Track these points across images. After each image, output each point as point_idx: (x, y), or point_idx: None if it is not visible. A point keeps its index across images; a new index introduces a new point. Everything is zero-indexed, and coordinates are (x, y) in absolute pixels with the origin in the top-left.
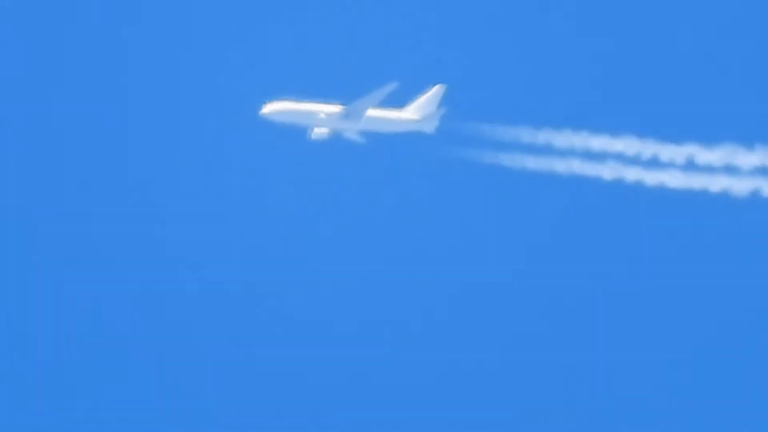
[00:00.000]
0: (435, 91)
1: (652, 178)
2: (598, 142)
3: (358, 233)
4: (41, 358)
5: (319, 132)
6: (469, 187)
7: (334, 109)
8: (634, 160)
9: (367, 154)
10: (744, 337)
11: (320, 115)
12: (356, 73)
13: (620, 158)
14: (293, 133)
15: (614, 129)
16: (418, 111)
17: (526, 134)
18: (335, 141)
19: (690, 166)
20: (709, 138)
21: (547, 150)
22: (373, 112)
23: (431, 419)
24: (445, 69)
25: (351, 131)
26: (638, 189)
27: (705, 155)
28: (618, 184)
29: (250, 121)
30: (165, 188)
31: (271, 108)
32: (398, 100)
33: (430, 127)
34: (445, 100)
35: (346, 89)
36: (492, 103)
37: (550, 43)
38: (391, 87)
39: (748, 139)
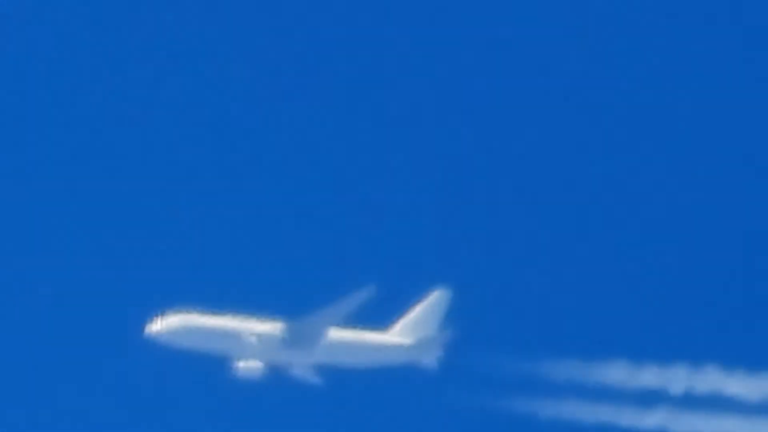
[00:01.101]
0: (434, 302)
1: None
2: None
3: None
4: None
5: (248, 366)
6: None
7: (272, 328)
8: (700, 402)
9: (327, 405)
10: None
11: (249, 337)
12: (309, 270)
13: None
14: (204, 366)
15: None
16: (409, 332)
17: (568, 370)
18: (275, 381)
19: None
20: None
21: (601, 393)
22: (337, 335)
23: None
24: (449, 267)
25: (301, 365)
26: None
27: None
28: None
29: (130, 344)
30: None
31: (169, 325)
32: (377, 316)
33: (427, 358)
34: (451, 317)
35: (293, 296)
36: (519, 323)
37: (593, 238)
38: (364, 294)
39: None
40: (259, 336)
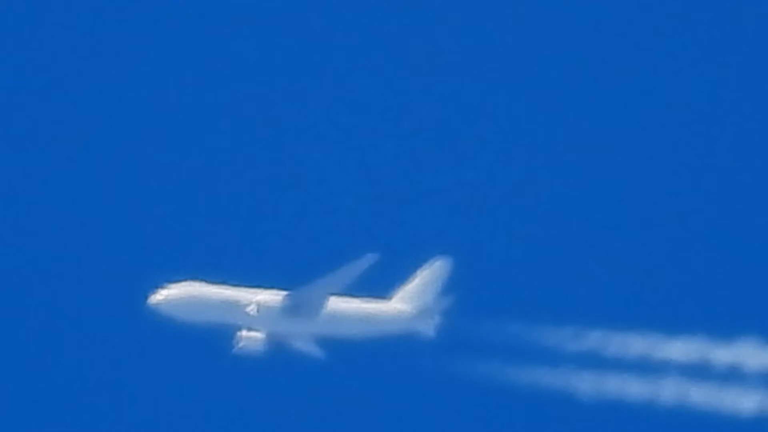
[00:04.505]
0: (434, 270)
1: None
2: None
3: None
4: None
5: (249, 337)
6: (492, 423)
7: (273, 298)
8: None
9: (330, 377)
10: None
11: (249, 307)
12: (309, 239)
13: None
14: (205, 337)
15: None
16: (409, 301)
17: (569, 337)
18: (276, 353)
19: None
20: None
21: (600, 362)
22: (338, 304)
23: None
24: (451, 236)
25: (302, 336)
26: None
27: None
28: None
29: (131, 315)
30: None
31: (168, 295)
32: (377, 285)
33: (427, 328)
34: (451, 285)
35: (292, 266)
36: (522, 290)
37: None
38: (366, 261)
39: None
40: (260, 306)
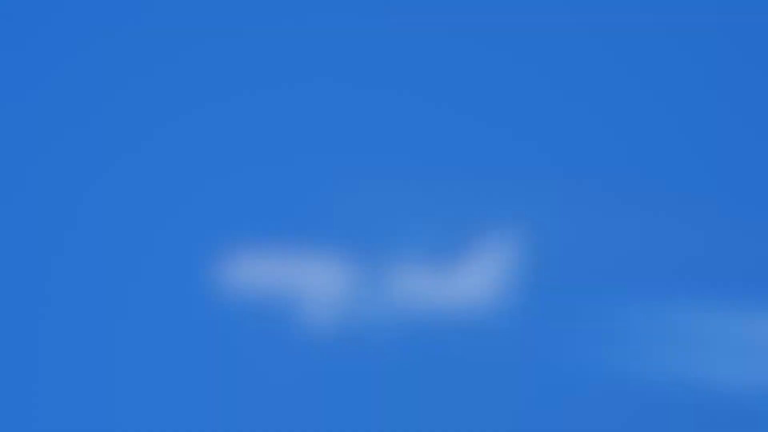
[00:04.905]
0: (501, 246)
1: None
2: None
3: None
4: None
5: (316, 316)
6: (567, 412)
7: (342, 272)
8: None
9: (397, 358)
10: None
11: (317, 284)
12: (364, 212)
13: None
14: (262, 316)
15: None
16: (474, 279)
17: (653, 316)
18: (346, 333)
19: None
20: None
21: (680, 342)
22: (408, 283)
23: None
24: (519, 207)
25: (373, 314)
26: None
27: None
28: None
29: (188, 294)
30: None
31: (230, 272)
32: (439, 261)
33: (495, 308)
34: (521, 261)
35: (347, 240)
36: (600, 265)
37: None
38: (424, 235)
39: None
40: (328, 282)
